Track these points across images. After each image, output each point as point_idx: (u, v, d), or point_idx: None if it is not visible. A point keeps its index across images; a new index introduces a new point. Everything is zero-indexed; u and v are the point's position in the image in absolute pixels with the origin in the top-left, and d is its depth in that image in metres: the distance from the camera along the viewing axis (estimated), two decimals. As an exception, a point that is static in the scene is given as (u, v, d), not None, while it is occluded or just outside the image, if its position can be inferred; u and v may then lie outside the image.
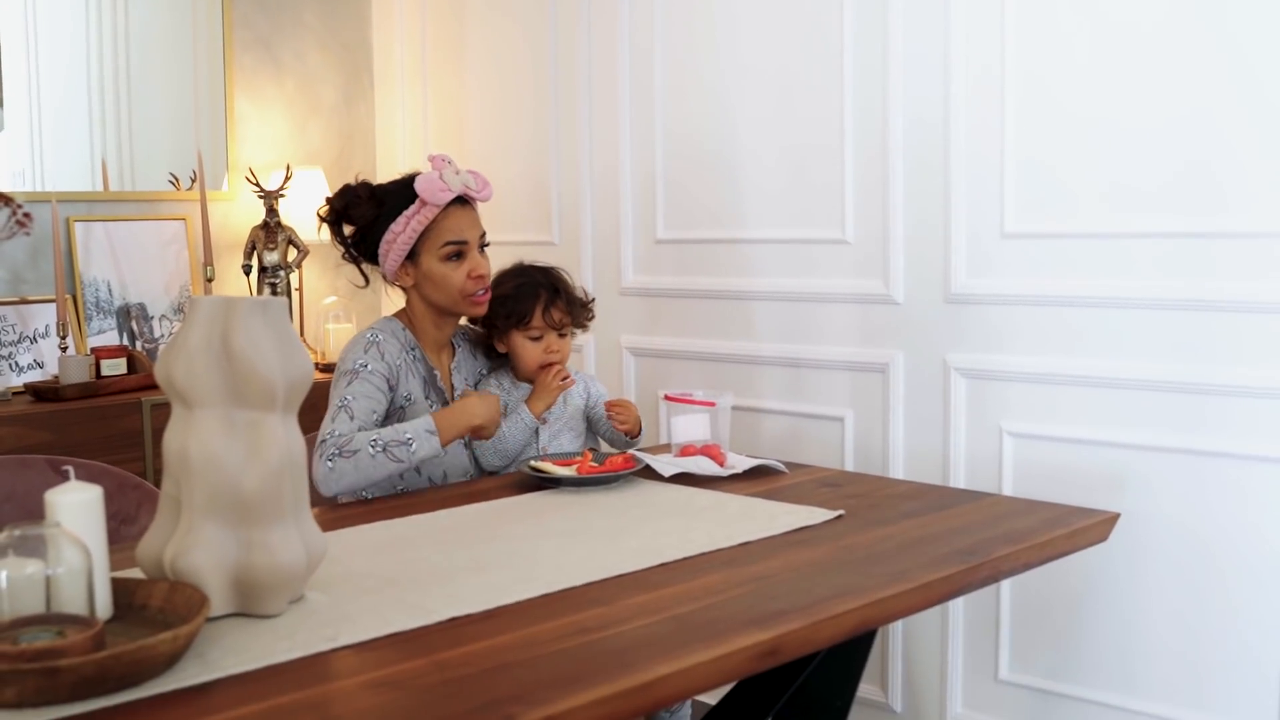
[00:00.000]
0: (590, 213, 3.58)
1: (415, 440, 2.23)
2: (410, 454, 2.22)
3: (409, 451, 2.22)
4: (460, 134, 3.96)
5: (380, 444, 2.21)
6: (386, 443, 2.22)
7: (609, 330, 3.53)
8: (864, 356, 2.97)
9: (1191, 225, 2.47)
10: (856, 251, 2.97)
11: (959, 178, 2.77)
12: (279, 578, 1.53)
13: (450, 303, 2.44)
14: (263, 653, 1.42)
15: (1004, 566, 1.82)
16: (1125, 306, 2.55)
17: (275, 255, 3.72)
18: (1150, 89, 2.51)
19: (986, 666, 2.81)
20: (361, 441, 2.21)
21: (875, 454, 2.96)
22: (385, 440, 2.22)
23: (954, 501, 2.17)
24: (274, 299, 1.58)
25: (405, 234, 2.41)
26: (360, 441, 2.21)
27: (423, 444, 2.23)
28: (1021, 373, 2.71)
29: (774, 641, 1.47)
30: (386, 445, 2.21)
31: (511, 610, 1.57)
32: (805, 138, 3.05)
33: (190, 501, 1.53)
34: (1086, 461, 2.62)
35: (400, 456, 2.21)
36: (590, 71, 3.53)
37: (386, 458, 2.21)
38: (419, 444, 2.23)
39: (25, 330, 3.49)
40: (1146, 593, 2.57)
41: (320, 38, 4.11)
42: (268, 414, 1.54)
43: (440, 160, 2.43)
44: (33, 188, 3.63)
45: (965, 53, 2.75)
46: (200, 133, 3.92)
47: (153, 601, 1.51)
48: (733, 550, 1.84)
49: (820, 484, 2.31)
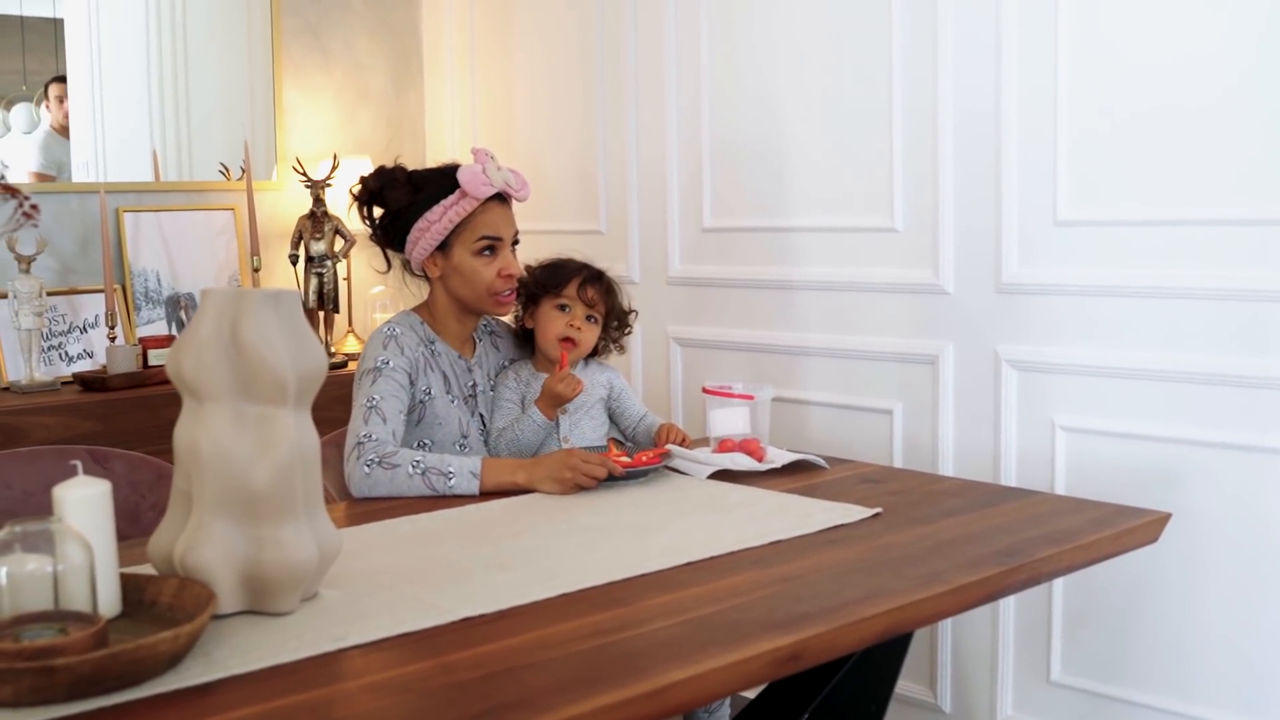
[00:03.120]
0: (636, 201, 3.53)
1: (457, 477, 2.17)
2: (448, 487, 2.16)
3: (447, 484, 2.16)
4: (508, 122, 3.92)
5: (422, 468, 2.17)
6: (428, 468, 2.17)
7: (655, 320, 3.48)
8: (913, 348, 2.89)
9: (1251, 212, 2.37)
10: (906, 240, 2.90)
11: (1010, 164, 2.68)
12: (290, 575, 1.50)
13: (476, 299, 2.40)
14: (269, 652, 1.39)
15: (1044, 569, 1.75)
16: (1182, 297, 2.46)
17: (322, 245, 3.71)
18: (1208, 71, 2.41)
19: (1038, 667, 2.73)
20: (404, 458, 2.18)
21: (925, 448, 2.89)
22: (427, 466, 2.17)
23: (998, 499, 2.10)
24: (286, 291, 1.55)
25: (441, 223, 2.37)
26: (403, 458, 2.18)
27: (462, 483, 2.17)
28: (1074, 365, 2.62)
29: (795, 647, 1.41)
30: (427, 471, 2.17)
31: (527, 610, 1.53)
32: (853, 124, 2.98)
33: (201, 497, 1.51)
34: (1141, 457, 2.53)
35: (437, 486, 2.16)
36: (637, 59, 3.48)
37: (423, 482, 2.16)
38: (459, 481, 2.17)
39: (75, 320, 3.50)
40: (1203, 593, 2.48)
41: (369, 25, 4.09)
42: (279, 408, 1.51)
43: (484, 154, 2.39)
44: (94, 178, 3.65)
45: (1017, 35, 2.66)
46: (252, 123, 3.92)
47: (162, 598, 1.48)
48: (762, 549, 1.79)
49: (861, 480, 2.25)
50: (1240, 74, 2.37)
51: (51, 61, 3.63)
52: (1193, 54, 2.43)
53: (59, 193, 3.51)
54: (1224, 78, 2.39)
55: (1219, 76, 2.39)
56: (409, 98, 4.20)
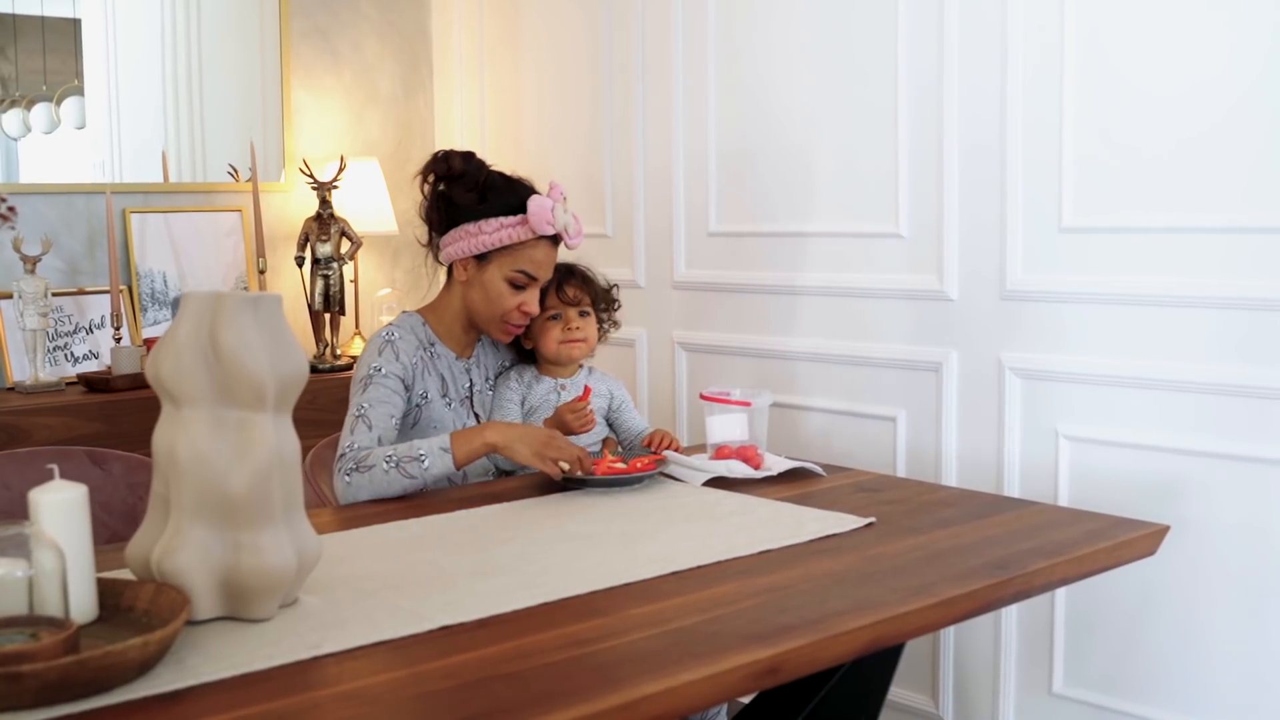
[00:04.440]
0: (643, 205, 3.51)
1: (429, 457, 2.16)
2: (423, 470, 2.15)
3: (421, 468, 2.15)
4: (517, 126, 3.91)
5: (394, 460, 2.16)
6: (400, 459, 2.16)
7: (661, 324, 3.47)
8: (917, 354, 2.87)
9: (1259, 220, 2.33)
10: (910, 245, 2.87)
11: (1015, 170, 2.65)
12: (267, 581, 1.49)
13: (487, 319, 2.39)
14: (243, 660, 1.37)
15: (1037, 581, 1.72)
16: (1188, 305, 2.43)
17: (328, 247, 3.70)
18: (1216, 77, 2.37)
19: (1040, 678, 2.70)
20: (377, 457, 2.17)
21: (928, 456, 2.86)
22: (399, 456, 2.16)
23: (994, 510, 2.07)
24: (267, 295, 1.54)
25: (491, 237, 2.34)
26: (376, 457, 2.17)
27: (436, 461, 2.16)
28: (1079, 374, 2.59)
29: (774, 660, 1.39)
30: (400, 461, 2.16)
31: (508, 619, 1.51)
32: (859, 129, 2.95)
33: (179, 502, 1.50)
34: (1146, 467, 2.50)
35: (413, 473, 2.15)
36: (644, 64, 3.47)
37: (400, 474, 2.15)
38: (431, 460, 2.16)
39: (81, 321, 3.51)
40: (1208, 604, 2.44)
41: (378, 27, 4.09)
42: (257, 413, 1.49)
43: (559, 192, 2.36)
44: (110, 178, 3.65)
45: (1023, 41, 2.63)
46: (260, 124, 3.92)
47: (139, 604, 1.47)
48: (750, 559, 1.76)
49: (857, 488, 2.22)
50: (1247, 80, 2.33)
51: (72, 62, 3.64)
52: (1199, 61, 2.39)
53: (66, 193, 3.52)
54: (1231, 84, 2.35)
55: (1226, 83, 2.36)
56: (418, 100, 4.20)
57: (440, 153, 2.43)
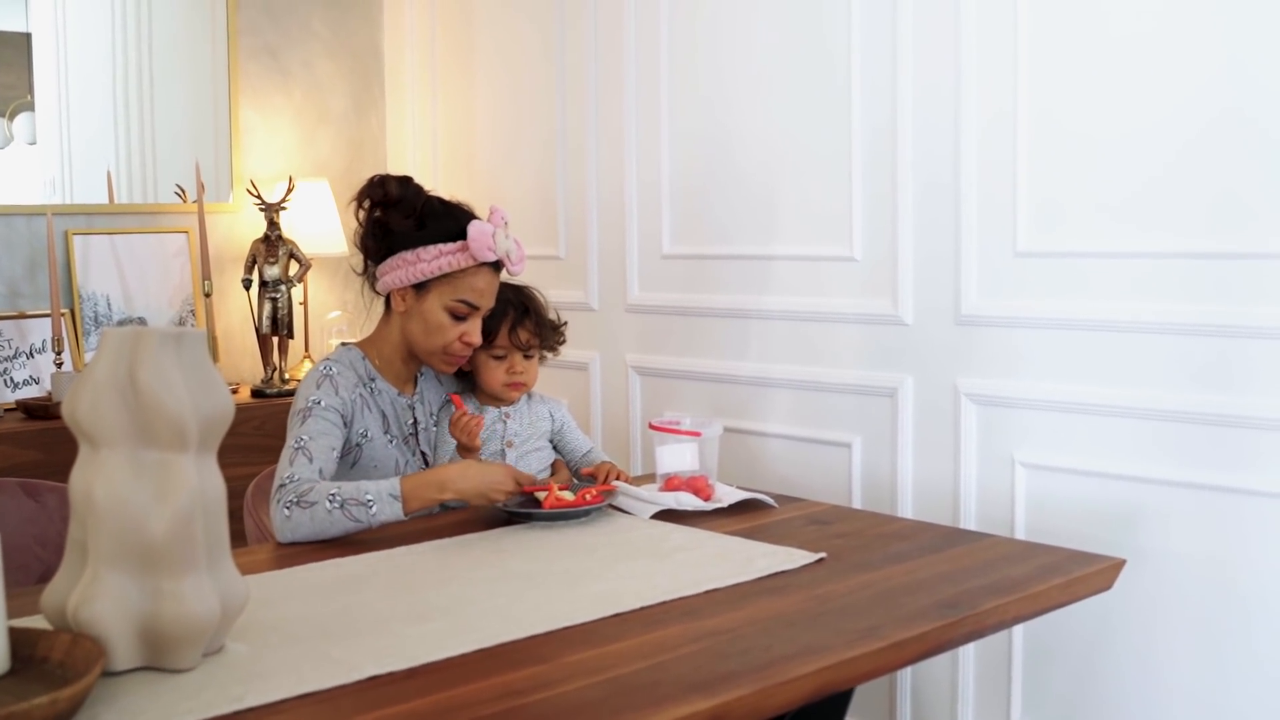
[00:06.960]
0: (596, 227, 3.46)
1: (376, 504, 2.05)
2: (370, 516, 2.05)
3: (368, 513, 2.05)
4: (469, 146, 3.86)
5: (339, 500, 2.04)
6: (345, 499, 2.04)
7: (615, 348, 3.42)
8: (872, 380, 2.83)
9: (1214, 246, 2.31)
10: (864, 269, 2.83)
11: (970, 193, 2.63)
12: (189, 629, 1.42)
13: (428, 351, 2.30)
14: (159, 715, 1.31)
15: (989, 621, 1.68)
16: (1145, 331, 2.40)
17: (276, 269, 3.63)
18: (1168, 104, 2.35)
19: (999, 709, 2.66)
20: (320, 493, 2.05)
21: (883, 483, 2.82)
22: (345, 497, 2.05)
23: (947, 543, 2.03)
24: (190, 330, 1.48)
25: (430, 265, 2.24)
26: (319, 493, 2.05)
27: (384, 508, 2.05)
28: (1035, 400, 2.56)
29: (716, 710, 1.34)
30: (345, 502, 2.04)
31: (441, 667, 1.45)
32: (813, 152, 2.92)
33: (96, 547, 1.43)
34: (1103, 495, 2.46)
35: (358, 517, 2.04)
36: (598, 84, 3.42)
37: (344, 515, 2.04)
38: (380, 508, 2.05)
39: (22, 346, 3.43)
40: (1168, 634, 2.41)
41: (329, 46, 4.03)
42: (179, 454, 1.43)
43: (499, 216, 2.27)
44: (59, 198, 3.57)
45: (977, 66, 2.61)
46: (211, 143, 3.84)
47: (54, 654, 1.40)
48: (696, 599, 1.71)
49: (809, 521, 2.18)
50: (1198, 107, 2.31)
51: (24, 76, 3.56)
52: (1151, 87, 2.37)
53: (6, 215, 3.44)
54: (1191, 112, 2.33)
55: (1186, 111, 2.34)
56: (370, 120, 4.14)
57: (376, 177, 2.33)
